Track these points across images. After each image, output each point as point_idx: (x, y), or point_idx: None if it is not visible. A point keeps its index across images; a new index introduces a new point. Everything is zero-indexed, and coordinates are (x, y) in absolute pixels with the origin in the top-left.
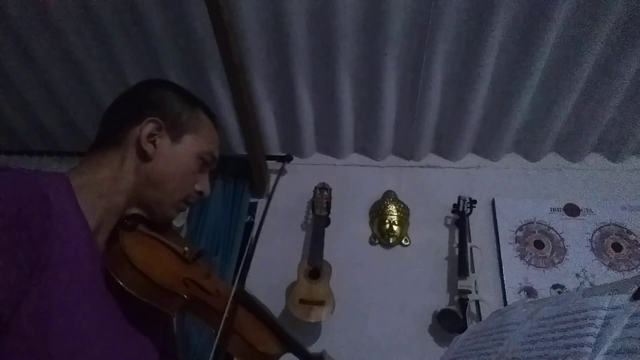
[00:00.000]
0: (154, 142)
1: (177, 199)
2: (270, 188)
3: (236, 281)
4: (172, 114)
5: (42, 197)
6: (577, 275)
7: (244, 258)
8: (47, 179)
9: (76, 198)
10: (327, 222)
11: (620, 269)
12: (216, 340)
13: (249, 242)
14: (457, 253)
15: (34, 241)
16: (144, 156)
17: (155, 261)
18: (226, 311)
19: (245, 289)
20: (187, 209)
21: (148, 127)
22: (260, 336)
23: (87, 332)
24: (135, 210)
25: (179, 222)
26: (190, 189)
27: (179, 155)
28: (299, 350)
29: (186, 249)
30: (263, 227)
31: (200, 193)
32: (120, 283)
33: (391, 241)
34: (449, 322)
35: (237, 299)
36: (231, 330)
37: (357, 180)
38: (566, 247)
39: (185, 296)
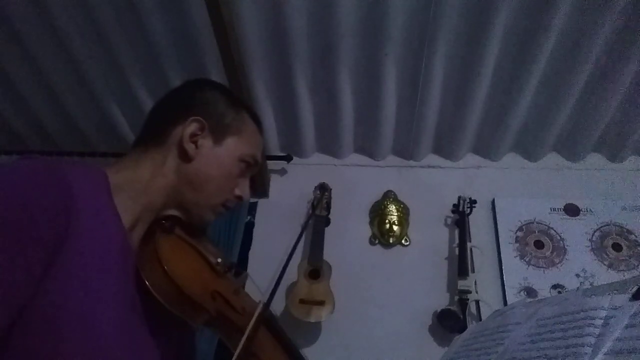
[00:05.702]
0: (195, 142)
1: (216, 202)
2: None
3: (262, 300)
4: (216, 115)
5: (64, 191)
6: (577, 275)
7: (276, 277)
8: (82, 171)
9: (112, 195)
10: (327, 222)
11: (620, 269)
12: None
13: (286, 260)
14: (457, 253)
15: (48, 239)
16: (185, 156)
17: (186, 269)
18: (248, 329)
19: (271, 309)
20: None
21: (191, 127)
22: None
23: (107, 330)
24: (173, 212)
25: None
26: (230, 193)
27: (220, 157)
28: None
29: (219, 260)
30: (263, 227)
31: (240, 198)
32: (147, 284)
33: (391, 241)
34: (449, 322)
35: (261, 320)
36: (251, 352)
37: (357, 180)
38: (566, 247)
39: (211, 311)
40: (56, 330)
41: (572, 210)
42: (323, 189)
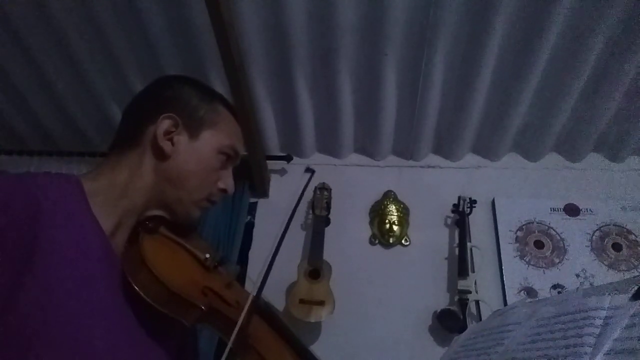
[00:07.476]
0: (171, 140)
1: (199, 197)
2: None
3: (253, 291)
4: (189, 109)
5: (28, 203)
6: (577, 275)
7: (265, 267)
8: (51, 182)
9: (88, 201)
10: (327, 222)
11: (620, 269)
12: (226, 353)
13: (273, 250)
14: (457, 253)
15: (16, 250)
16: (161, 155)
17: (173, 267)
18: (239, 321)
19: (265, 298)
20: None
21: (164, 124)
22: (279, 353)
23: (95, 340)
24: (157, 212)
25: None
26: (212, 187)
27: (198, 152)
28: None
29: (207, 255)
30: (263, 227)
31: (224, 191)
32: (136, 288)
33: (391, 241)
34: (449, 322)
35: (255, 311)
36: (247, 344)
37: (357, 180)
38: (566, 247)
39: (202, 307)
40: (36, 346)
41: (572, 210)
42: (323, 189)
